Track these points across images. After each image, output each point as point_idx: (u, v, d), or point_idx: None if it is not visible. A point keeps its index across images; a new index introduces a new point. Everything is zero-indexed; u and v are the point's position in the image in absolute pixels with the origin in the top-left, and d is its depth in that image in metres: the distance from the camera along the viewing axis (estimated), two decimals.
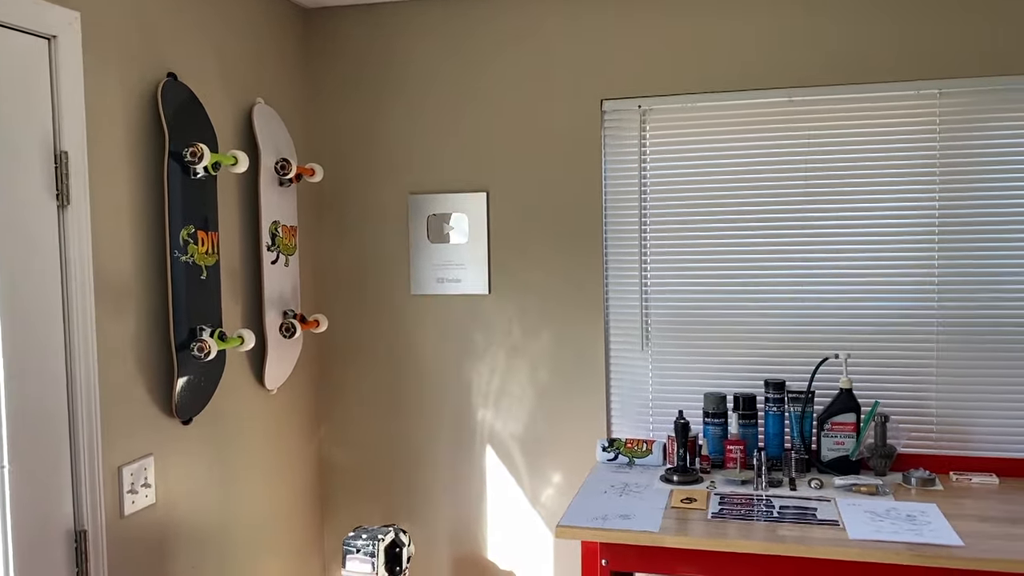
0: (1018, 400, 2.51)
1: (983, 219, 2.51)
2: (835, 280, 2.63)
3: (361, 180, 2.99)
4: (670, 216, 2.75)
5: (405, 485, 3.02)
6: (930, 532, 2.02)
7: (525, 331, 2.88)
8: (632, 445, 2.66)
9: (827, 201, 2.62)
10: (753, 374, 2.68)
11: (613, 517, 2.16)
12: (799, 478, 2.46)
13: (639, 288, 2.79)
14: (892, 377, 2.60)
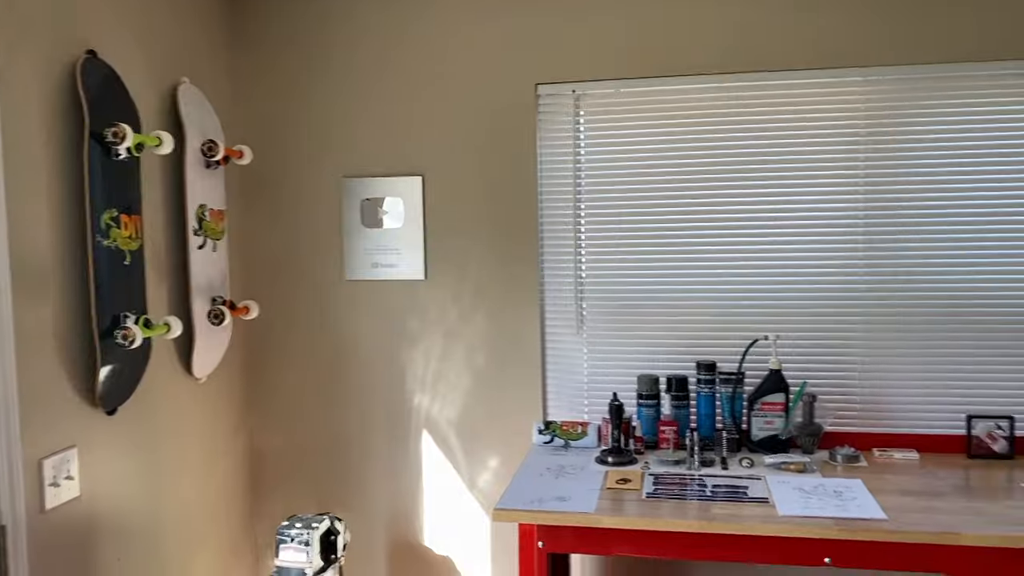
0: (937, 379, 2.61)
1: (906, 204, 2.59)
2: (765, 264, 2.68)
3: (292, 163, 2.93)
4: (604, 200, 2.77)
5: (340, 473, 2.99)
6: (856, 507, 2.09)
7: (461, 316, 2.87)
8: (568, 428, 2.67)
9: (756, 186, 2.67)
10: (686, 356, 2.73)
11: (549, 499, 2.17)
12: (730, 457, 2.51)
13: (574, 272, 2.81)
14: (819, 358, 2.67)
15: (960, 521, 1.99)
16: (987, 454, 2.50)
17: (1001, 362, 2.57)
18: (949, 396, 2.60)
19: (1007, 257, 2.55)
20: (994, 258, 2.55)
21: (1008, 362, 2.56)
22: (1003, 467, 2.42)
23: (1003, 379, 2.57)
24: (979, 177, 2.54)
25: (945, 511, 2.06)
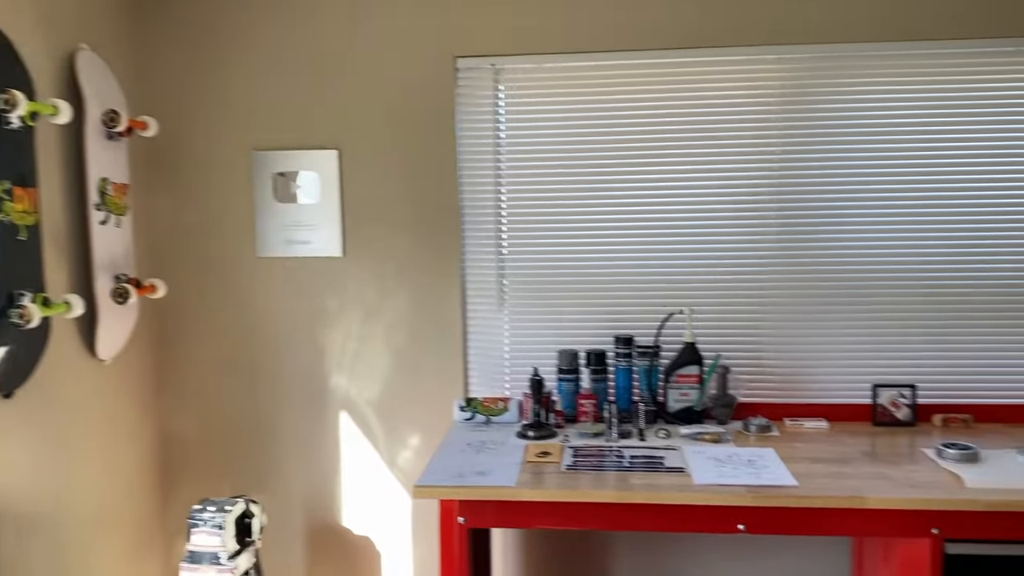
0: (844, 351, 2.69)
1: (816, 181, 2.66)
2: (681, 239, 2.72)
3: (200, 135, 2.82)
4: (525, 177, 2.76)
5: (256, 456, 2.91)
6: (768, 474, 2.14)
7: (380, 294, 2.83)
8: (489, 404, 2.67)
9: (673, 163, 2.70)
10: (604, 330, 2.75)
11: (470, 474, 2.16)
12: (648, 429, 2.55)
13: (495, 248, 2.79)
14: (733, 331, 2.73)
15: (866, 486, 2.06)
16: (891, 421, 2.60)
17: (904, 333, 2.67)
18: (856, 367, 2.69)
19: (911, 233, 2.64)
20: (899, 234, 2.65)
21: (911, 333, 2.67)
22: (906, 433, 2.52)
23: (906, 350, 2.67)
24: (887, 155, 2.63)
25: (852, 476, 2.13)
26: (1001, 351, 2.64)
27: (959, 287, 2.64)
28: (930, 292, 2.65)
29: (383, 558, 2.91)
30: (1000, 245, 2.62)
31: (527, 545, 2.86)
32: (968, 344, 2.65)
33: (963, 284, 2.64)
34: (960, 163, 2.61)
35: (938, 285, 2.64)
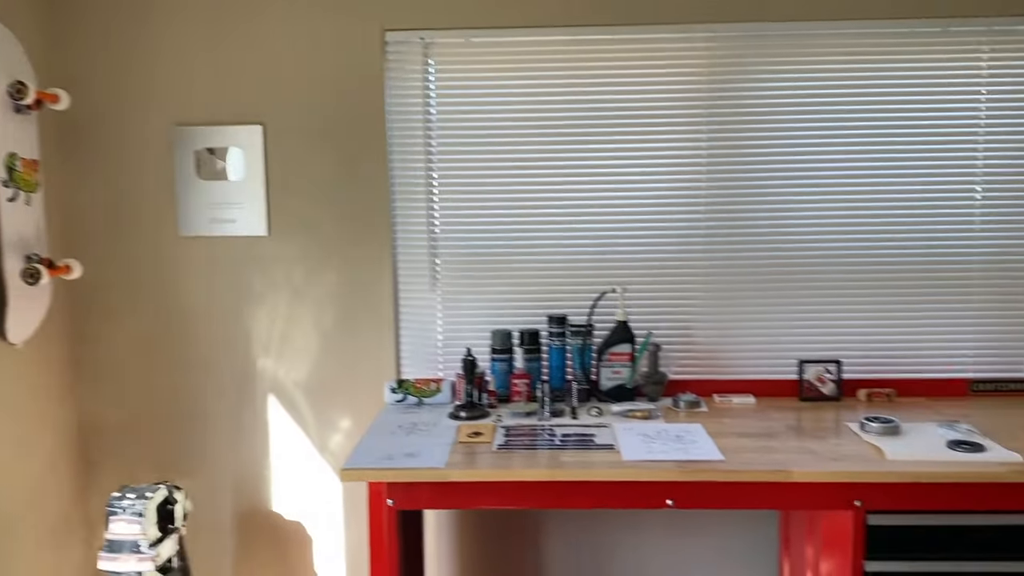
0: (772, 328, 2.73)
1: (745, 160, 2.68)
2: (613, 218, 2.71)
3: (117, 109, 2.70)
4: (456, 154, 2.72)
5: (181, 441, 2.83)
6: (696, 449, 2.16)
7: (308, 273, 2.76)
8: (421, 385, 2.63)
9: (604, 141, 2.69)
10: (537, 310, 2.73)
11: (399, 456, 2.13)
12: (580, 407, 2.55)
13: (426, 227, 2.75)
14: (664, 309, 2.74)
15: (791, 459, 2.09)
16: (817, 396, 2.64)
17: (830, 310, 2.72)
18: (783, 343, 2.73)
19: (837, 212, 2.68)
20: (825, 213, 2.69)
21: (836, 310, 2.71)
22: (832, 408, 2.57)
23: (832, 326, 2.72)
24: (814, 134, 2.66)
25: (778, 451, 2.16)
26: (923, 327, 2.71)
27: (884, 265, 2.69)
28: (855, 269, 2.70)
29: (315, 543, 2.86)
30: (923, 223, 2.68)
31: (461, 525, 2.84)
32: (892, 320, 2.71)
33: (887, 262, 2.69)
34: (885, 142, 2.65)
35: (863, 263, 2.70)
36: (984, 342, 2.70)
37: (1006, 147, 2.64)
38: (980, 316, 2.70)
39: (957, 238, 2.68)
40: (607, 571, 2.83)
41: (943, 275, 2.69)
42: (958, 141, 2.64)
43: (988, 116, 2.63)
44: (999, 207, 2.66)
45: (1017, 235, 2.67)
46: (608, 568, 2.83)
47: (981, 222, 2.67)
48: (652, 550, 2.82)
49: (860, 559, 2.09)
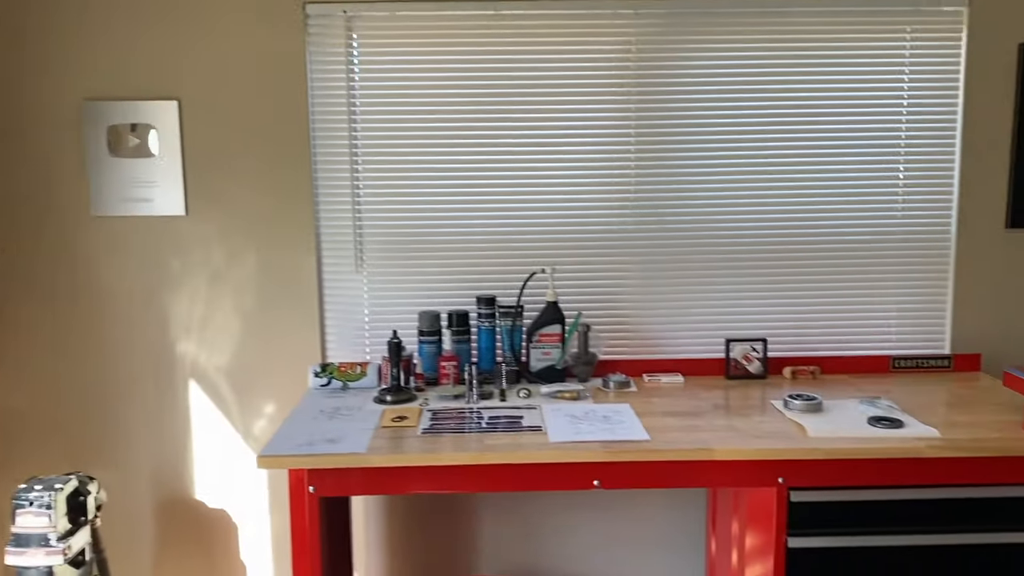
0: (699, 307, 2.74)
1: (673, 140, 2.67)
2: (542, 198, 2.68)
3: (19, 82, 2.56)
4: (381, 131, 2.65)
5: (97, 430, 2.72)
6: (622, 430, 2.15)
7: (229, 255, 2.67)
8: (345, 369, 2.57)
9: (532, 119, 2.65)
10: (466, 291, 2.69)
11: (319, 442, 2.07)
12: (510, 389, 2.52)
13: (351, 206, 2.68)
14: (594, 289, 2.73)
15: (715, 438, 2.10)
16: (744, 375, 2.66)
17: (757, 289, 2.73)
18: (711, 323, 2.75)
19: (764, 192, 2.69)
20: (752, 193, 2.69)
21: (763, 289, 2.73)
22: (758, 386, 2.59)
23: (758, 305, 2.74)
24: (742, 115, 2.66)
25: (703, 429, 2.17)
26: (847, 305, 2.75)
27: (809, 244, 2.72)
28: (782, 249, 2.72)
29: (240, 530, 2.79)
30: (848, 204, 2.71)
31: (390, 510, 2.80)
32: (817, 299, 2.74)
33: (813, 241, 2.72)
34: (811, 122, 2.67)
35: (789, 242, 2.72)
36: (905, 320, 2.76)
37: (928, 128, 2.68)
38: (902, 295, 2.74)
39: (880, 219, 2.71)
40: (538, 552, 2.82)
41: (867, 255, 2.73)
42: (881, 122, 2.67)
43: (911, 97, 2.67)
44: (920, 188, 2.71)
45: (937, 216, 2.72)
46: (539, 549, 2.82)
47: (903, 203, 2.71)
48: (583, 530, 2.82)
49: (783, 535, 2.11)
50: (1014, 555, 2.12)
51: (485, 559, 2.82)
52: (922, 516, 2.11)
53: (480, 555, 2.82)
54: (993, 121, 2.67)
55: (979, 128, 2.67)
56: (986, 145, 2.68)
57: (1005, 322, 2.75)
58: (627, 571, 2.83)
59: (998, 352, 2.76)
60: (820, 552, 2.12)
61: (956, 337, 2.75)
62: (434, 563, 2.82)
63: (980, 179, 2.69)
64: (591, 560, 2.83)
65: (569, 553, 2.82)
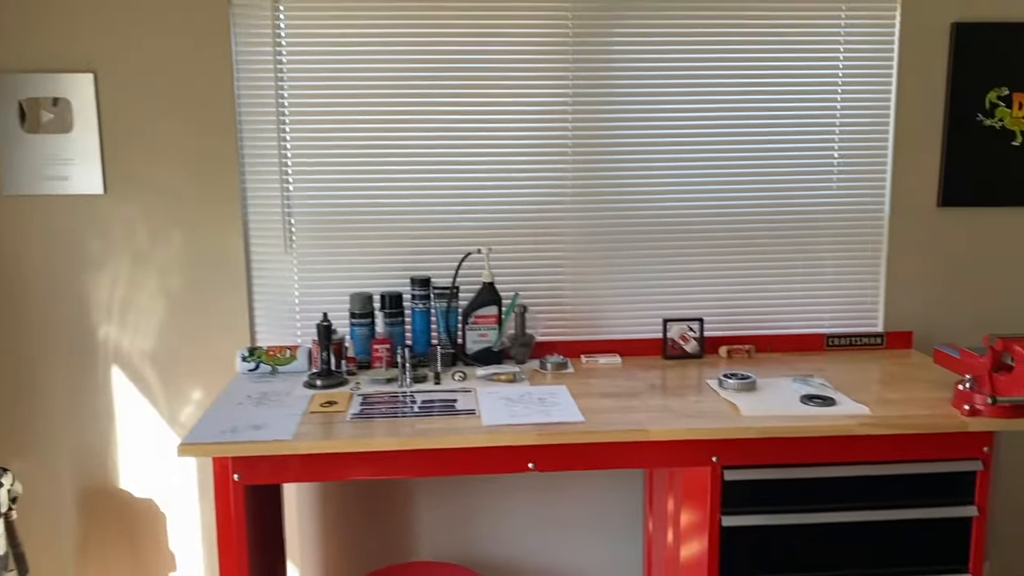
0: (637, 287, 2.72)
1: (610, 120, 2.63)
2: (477, 177, 2.63)
3: None
4: (310, 107, 2.56)
5: (13, 419, 2.60)
6: (557, 412, 2.12)
7: (152, 234, 2.56)
8: (274, 352, 2.49)
9: (467, 98, 2.58)
10: (400, 272, 2.63)
11: (244, 429, 2.00)
12: (445, 372, 2.47)
13: (280, 185, 2.59)
14: (531, 270, 2.69)
15: (650, 418, 2.08)
16: (680, 354, 2.65)
17: (694, 269, 2.72)
18: (649, 302, 2.73)
19: (700, 171, 2.68)
20: (688, 173, 2.68)
21: (699, 269, 2.72)
22: (694, 366, 2.58)
23: (695, 285, 2.73)
24: (679, 94, 2.63)
25: (639, 410, 2.15)
26: (782, 284, 2.75)
27: (746, 224, 2.71)
28: (718, 229, 2.71)
29: (168, 520, 2.70)
30: (783, 184, 2.71)
31: (324, 497, 2.74)
32: (753, 278, 2.74)
33: (750, 221, 2.71)
34: (747, 102, 2.66)
35: (726, 222, 2.71)
36: (840, 298, 2.77)
37: (862, 107, 2.69)
38: (836, 273, 2.76)
39: (815, 198, 2.72)
40: (476, 536, 2.79)
41: (802, 234, 2.73)
42: (817, 101, 2.67)
43: (845, 76, 2.67)
44: (855, 167, 2.72)
45: (871, 195, 2.73)
46: (477, 533, 2.79)
47: (838, 182, 2.72)
48: (521, 513, 2.79)
49: (717, 514, 2.11)
50: (944, 529, 2.15)
51: (423, 544, 2.78)
52: (854, 493, 2.13)
53: (418, 540, 2.78)
54: (926, 100, 2.69)
55: (912, 107, 2.69)
56: (919, 124, 2.70)
57: (936, 300, 2.79)
58: (565, 552, 2.82)
59: (930, 329, 2.80)
60: (754, 530, 2.12)
61: (889, 315, 2.78)
62: (371, 550, 2.77)
63: (913, 158, 2.71)
64: (529, 542, 2.81)
65: (507, 536, 2.80)
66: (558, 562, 2.82)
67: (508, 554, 2.80)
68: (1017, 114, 2.70)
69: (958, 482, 2.14)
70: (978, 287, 2.80)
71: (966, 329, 2.81)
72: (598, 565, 2.84)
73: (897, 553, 2.16)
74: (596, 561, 2.83)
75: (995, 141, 2.70)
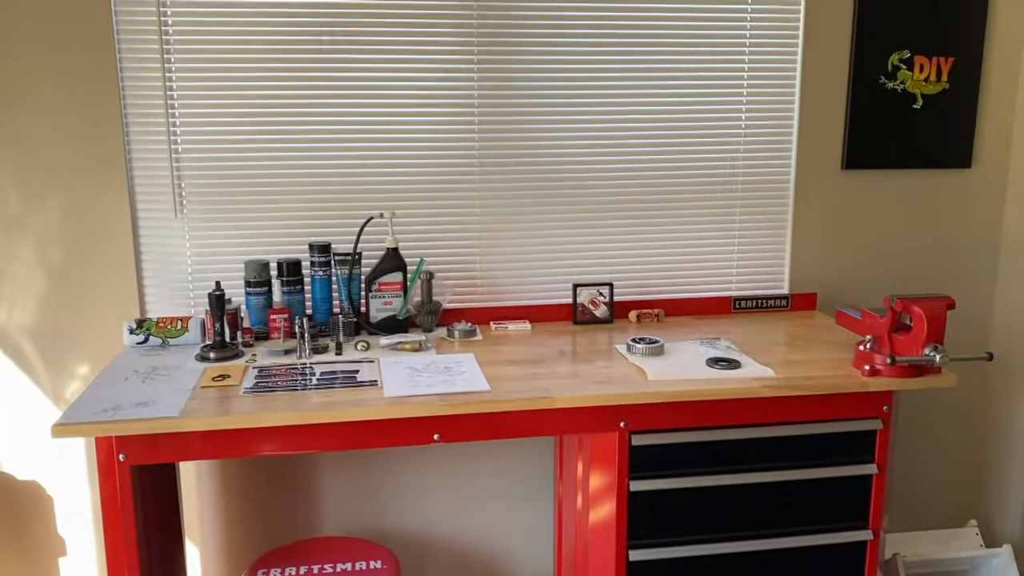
0: (546, 252, 2.67)
1: (517, 81, 2.55)
2: (379, 138, 2.52)
3: None
4: (201, 62, 2.40)
5: None
6: (463, 381, 2.06)
7: (26, 200, 2.38)
8: (165, 324, 2.35)
9: (368, 57, 2.47)
10: (299, 237, 2.52)
11: (128, 406, 1.88)
12: (347, 342, 2.38)
13: (168, 146, 2.43)
14: (437, 235, 2.61)
15: (557, 385, 2.04)
16: (590, 320, 2.62)
17: (603, 233, 2.69)
18: (559, 268, 2.69)
19: (608, 135, 2.63)
20: (596, 137, 2.63)
21: (609, 234, 2.69)
22: (604, 331, 2.56)
23: (605, 249, 2.70)
24: (588, 57, 2.57)
25: (546, 377, 2.10)
26: (690, 248, 2.74)
27: (654, 188, 2.69)
28: (627, 193, 2.68)
29: (56, 502, 2.55)
30: (691, 148, 2.68)
31: (224, 474, 2.63)
32: (661, 242, 2.73)
33: (658, 185, 2.69)
34: (655, 66, 2.61)
35: (634, 186, 2.68)
36: (747, 261, 2.78)
37: (769, 72, 2.68)
38: (743, 236, 2.77)
39: (723, 162, 2.71)
40: (384, 509, 2.73)
41: (710, 198, 2.72)
42: (724, 66, 2.65)
43: (752, 41, 2.65)
44: (762, 131, 2.71)
45: (777, 159, 2.74)
46: (385, 506, 2.73)
47: (745, 146, 2.71)
48: (431, 484, 2.74)
49: (625, 479, 2.09)
50: (846, 487, 2.19)
51: (329, 519, 2.70)
52: (759, 454, 2.14)
53: (323, 516, 2.70)
54: (831, 63, 2.70)
55: (818, 70, 2.69)
56: (825, 87, 2.71)
57: (839, 261, 2.83)
58: (477, 522, 2.79)
59: (833, 291, 2.84)
60: (661, 494, 2.12)
61: (794, 277, 2.81)
62: (274, 526, 2.68)
63: (818, 121, 2.73)
64: (439, 513, 2.76)
65: (417, 508, 2.74)
66: (470, 532, 2.79)
67: (418, 526, 2.75)
68: (918, 77, 2.73)
69: (859, 441, 2.18)
70: (880, 249, 2.85)
71: (869, 290, 2.87)
72: (510, 532, 2.81)
73: (801, 512, 2.19)
74: (508, 528, 2.81)
75: (897, 104, 2.74)
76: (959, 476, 3.07)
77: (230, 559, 2.67)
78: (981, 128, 2.82)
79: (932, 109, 2.76)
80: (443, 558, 2.79)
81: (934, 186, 2.84)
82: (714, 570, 2.17)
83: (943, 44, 2.72)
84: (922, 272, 2.89)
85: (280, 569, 2.25)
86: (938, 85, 2.75)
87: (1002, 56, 2.79)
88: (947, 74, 2.74)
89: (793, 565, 2.21)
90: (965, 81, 2.76)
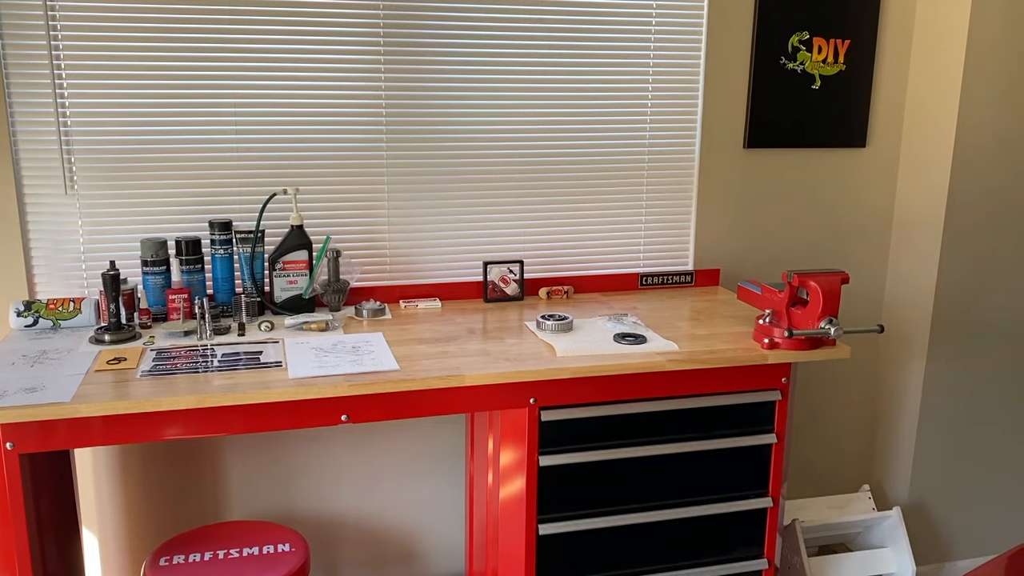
0: (456, 229, 2.65)
1: (425, 56, 2.51)
2: (282, 111, 2.45)
3: None
4: (91, 29, 2.28)
5: None
6: (371, 360, 2.03)
7: None
8: (55, 306, 2.25)
9: (271, 24, 2.39)
10: (198, 215, 2.43)
11: (15, 392, 1.79)
12: (250, 322, 2.32)
13: (56, 119, 2.30)
14: (344, 212, 2.56)
15: (467, 363, 2.03)
16: (501, 297, 2.63)
17: (513, 210, 2.69)
18: (469, 245, 2.67)
19: (517, 112, 2.62)
20: (505, 113, 2.61)
21: (519, 211, 2.69)
22: (515, 308, 2.57)
23: (515, 227, 2.70)
24: (496, 35, 2.55)
25: (456, 355, 2.10)
26: (598, 225, 2.77)
27: (563, 165, 2.70)
28: (536, 170, 2.68)
29: None
30: (596, 125, 2.70)
31: (123, 461, 2.53)
32: (570, 219, 2.74)
33: (567, 162, 2.70)
34: (559, 44, 2.61)
35: (543, 163, 2.68)
36: (652, 239, 2.83)
37: (675, 50, 2.71)
38: (650, 213, 2.81)
39: (630, 140, 2.74)
40: (293, 492, 2.68)
41: (617, 175, 2.75)
42: (630, 44, 2.67)
43: (658, 19, 2.68)
44: (667, 109, 2.75)
45: (682, 137, 2.78)
46: (294, 488, 2.68)
47: (651, 124, 2.75)
48: (340, 465, 2.71)
49: (534, 454, 2.11)
50: (747, 457, 2.26)
51: (236, 504, 2.64)
52: (664, 427, 2.19)
53: (231, 500, 2.64)
54: (734, 42, 2.75)
55: (722, 49, 2.74)
56: (728, 66, 2.76)
57: (741, 237, 2.91)
58: (388, 501, 2.77)
59: (735, 267, 2.92)
60: (570, 468, 2.14)
61: (699, 253, 2.87)
62: (180, 514, 2.60)
63: (722, 100, 2.78)
64: (351, 494, 2.73)
65: (327, 489, 2.71)
66: (381, 511, 2.77)
67: (328, 507, 2.72)
68: (817, 58, 2.82)
69: (759, 412, 2.26)
70: (780, 225, 2.94)
71: (769, 266, 2.96)
72: (421, 510, 2.81)
73: (705, 482, 2.25)
74: (419, 506, 2.80)
75: (797, 84, 2.81)
76: (853, 444, 3.22)
77: (131, 548, 2.59)
78: (875, 108, 2.93)
79: (830, 89, 2.85)
80: (354, 538, 2.77)
81: (832, 164, 2.94)
82: (622, 541, 2.22)
83: (840, 26, 2.81)
84: (819, 248, 3.00)
85: (184, 556, 2.19)
86: (835, 66, 2.84)
87: (895, 39, 2.89)
88: (844, 56, 2.83)
89: (698, 533, 2.28)
90: (860, 63, 2.86)
